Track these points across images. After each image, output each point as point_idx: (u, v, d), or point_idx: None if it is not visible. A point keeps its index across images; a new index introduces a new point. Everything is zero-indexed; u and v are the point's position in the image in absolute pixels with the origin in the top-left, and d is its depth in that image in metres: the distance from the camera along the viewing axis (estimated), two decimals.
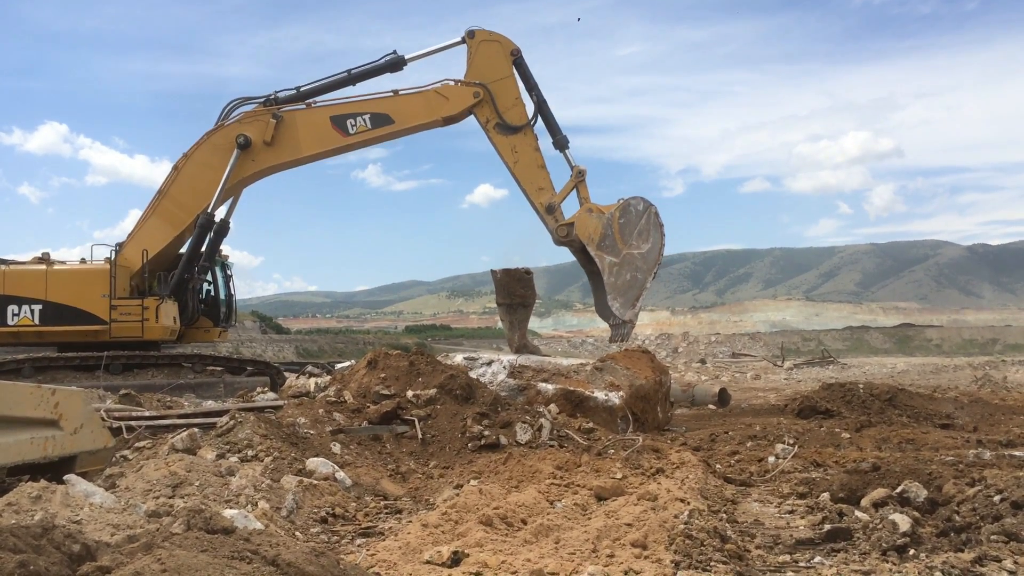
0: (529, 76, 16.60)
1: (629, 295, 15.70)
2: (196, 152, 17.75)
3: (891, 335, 79.33)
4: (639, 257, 15.68)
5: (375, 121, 16.98)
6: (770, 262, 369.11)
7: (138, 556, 3.40)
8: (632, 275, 15.66)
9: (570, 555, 5.22)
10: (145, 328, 17.76)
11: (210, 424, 9.46)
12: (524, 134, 16.48)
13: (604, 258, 15.69)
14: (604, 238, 15.71)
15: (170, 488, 6.43)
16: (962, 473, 7.25)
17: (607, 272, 15.66)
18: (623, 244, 15.66)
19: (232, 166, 17.29)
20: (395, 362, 11.67)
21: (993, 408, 15.11)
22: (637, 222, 15.71)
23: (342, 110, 17.14)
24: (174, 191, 17.91)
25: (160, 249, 18.02)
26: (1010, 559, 4.91)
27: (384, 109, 17.00)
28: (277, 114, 17.15)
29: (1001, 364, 35.37)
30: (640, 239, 15.69)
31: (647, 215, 15.76)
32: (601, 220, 15.75)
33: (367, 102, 17.15)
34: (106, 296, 17.68)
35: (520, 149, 16.46)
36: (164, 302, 18.00)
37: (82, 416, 6.88)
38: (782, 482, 8.41)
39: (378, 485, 8.16)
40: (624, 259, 15.67)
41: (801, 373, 33.64)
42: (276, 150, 17.34)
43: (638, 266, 15.69)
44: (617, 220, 15.66)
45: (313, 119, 17.27)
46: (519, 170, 16.46)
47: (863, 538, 5.58)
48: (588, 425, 10.86)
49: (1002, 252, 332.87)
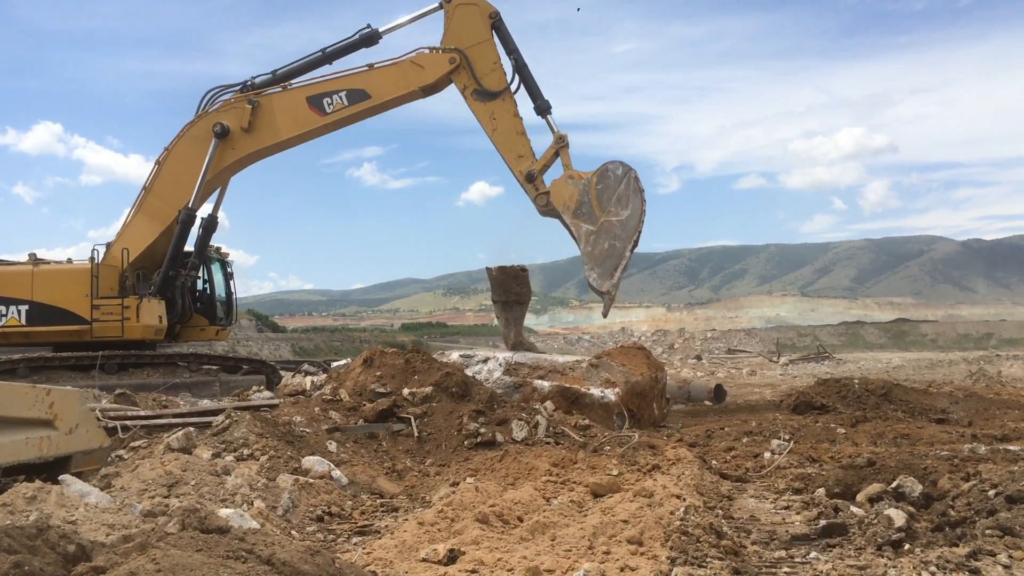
0: (509, 39, 15.94)
1: (607, 265, 14.82)
2: (176, 146, 17.54)
3: (886, 330, 79.46)
4: (618, 224, 14.77)
5: (352, 97, 16.53)
6: (765, 258, 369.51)
7: (133, 556, 3.40)
8: (610, 244, 14.78)
9: (566, 552, 5.22)
10: (125, 327, 17.53)
11: (206, 423, 9.44)
12: (503, 100, 15.79)
13: (580, 226, 14.96)
14: (580, 205, 14.98)
15: (166, 488, 6.42)
16: (957, 468, 7.27)
17: (583, 241, 14.95)
18: (601, 211, 14.84)
19: (211, 156, 17.03)
20: (391, 360, 11.67)
21: (988, 403, 15.14)
22: (616, 187, 14.87)
23: (318, 89, 16.74)
24: (158, 186, 17.72)
25: (147, 246, 17.80)
26: (1005, 553, 4.92)
27: (360, 84, 16.52)
28: (253, 100, 16.85)
29: (996, 359, 35.43)
30: (619, 205, 14.83)
31: (626, 180, 14.86)
32: (578, 186, 15.05)
33: (342, 79, 16.69)
34: (88, 296, 17.53)
35: (499, 115, 15.80)
36: (147, 301, 17.72)
37: (77, 416, 6.86)
38: (778, 478, 8.42)
39: (374, 483, 8.15)
40: (602, 227, 14.85)
41: (797, 369, 33.68)
42: (255, 136, 17.06)
43: (616, 234, 14.76)
44: (594, 186, 14.92)
45: (289, 101, 16.91)
46: (498, 138, 15.82)
47: (858, 533, 5.59)
48: (584, 422, 10.87)
49: (996, 247, 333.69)
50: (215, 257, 20.30)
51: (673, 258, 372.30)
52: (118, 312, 17.56)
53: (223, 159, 17.25)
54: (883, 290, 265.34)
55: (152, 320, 17.94)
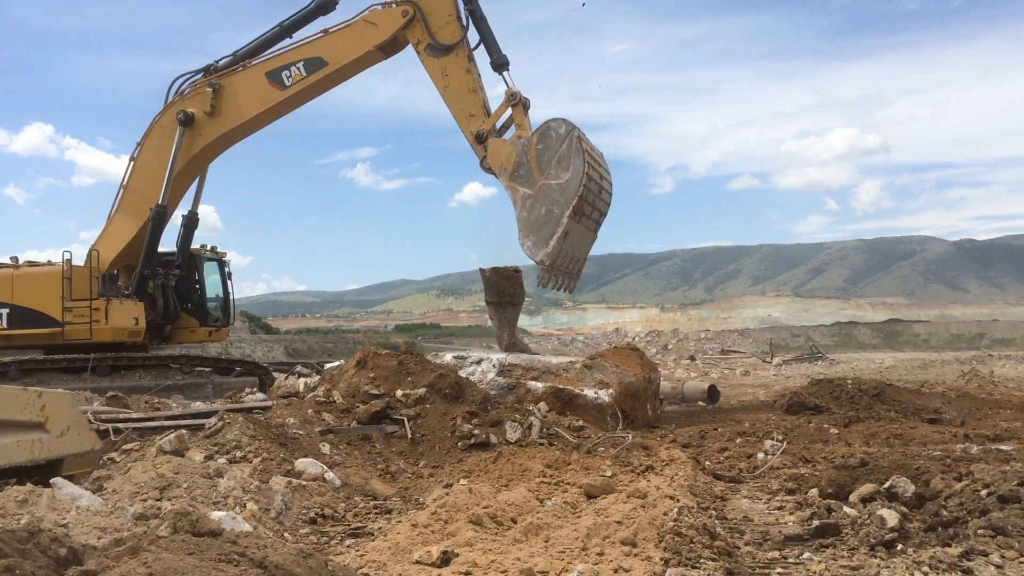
0: None
1: (543, 232, 13.41)
2: (147, 139, 17.42)
3: (879, 331, 79.71)
4: (557, 188, 13.34)
5: (309, 67, 15.95)
6: (759, 258, 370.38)
7: (124, 560, 3.38)
8: (547, 209, 13.39)
9: (560, 553, 5.22)
10: (94, 330, 17.40)
11: (198, 425, 9.42)
12: (456, 55, 14.72)
13: (517, 190, 13.70)
14: (518, 167, 13.69)
15: (158, 490, 6.40)
16: (949, 468, 7.29)
17: (519, 205, 13.66)
18: (540, 174, 13.47)
19: (177, 146, 16.83)
20: (384, 361, 11.66)
21: (980, 402, 15.19)
22: (557, 147, 13.38)
23: (275, 63, 16.28)
24: (133, 183, 17.61)
25: (127, 244, 17.68)
26: (997, 553, 4.93)
27: (316, 52, 15.95)
28: (214, 83, 16.61)
29: (988, 359, 35.57)
30: (559, 167, 13.35)
31: (569, 139, 13.33)
32: (516, 147, 13.82)
33: (298, 49, 16.18)
34: (62, 298, 17.39)
35: (451, 72, 14.71)
36: (117, 302, 17.56)
37: (69, 418, 6.83)
38: (771, 478, 8.43)
39: (368, 485, 8.14)
40: (540, 191, 13.47)
41: (790, 369, 33.74)
42: (220, 119, 16.80)
43: (555, 199, 13.35)
44: (534, 146, 13.56)
45: (250, 79, 16.56)
46: (449, 95, 14.71)
47: (851, 534, 5.60)
48: (578, 423, 10.87)
49: (988, 247, 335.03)
50: (211, 256, 20.18)
51: (667, 259, 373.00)
52: (87, 314, 17.41)
53: (191, 147, 16.99)
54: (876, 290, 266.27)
55: (124, 322, 17.70)
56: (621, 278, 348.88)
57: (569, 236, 13.50)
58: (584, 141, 13.41)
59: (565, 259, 13.85)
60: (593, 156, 13.64)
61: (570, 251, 13.88)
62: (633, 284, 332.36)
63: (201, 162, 17.75)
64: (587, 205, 13.53)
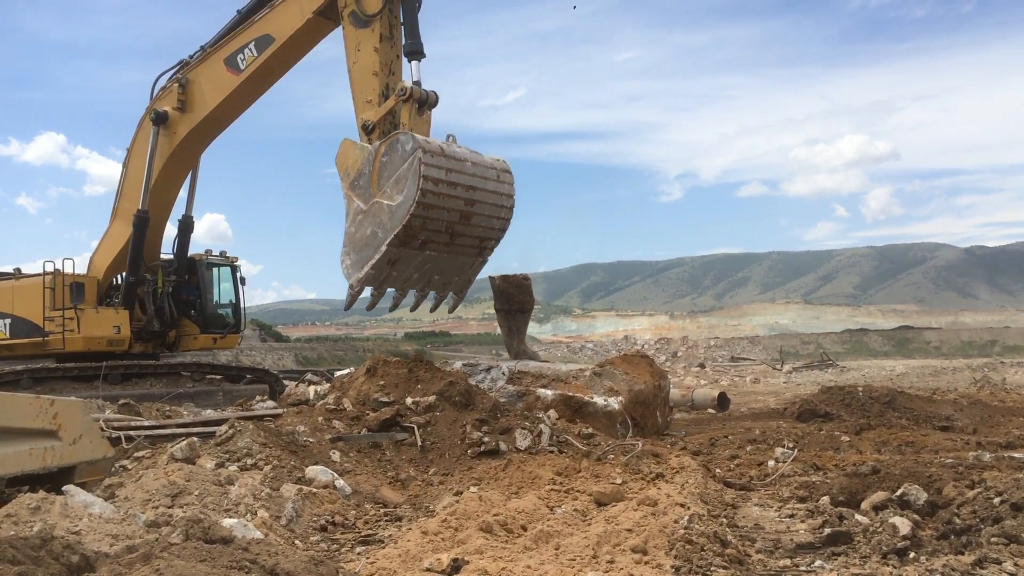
0: None
1: (364, 254, 12.19)
2: (134, 144, 17.36)
3: (890, 338, 79.35)
4: (386, 210, 11.92)
5: (260, 46, 15.03)
6: (768, 266, 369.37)
7: (136, 567, 3.40)
8: (372, 231, 12.09)
9: (570, 561, 5.21)
10: (67, 339, 17.40)
11: (209, 433, 9.46)
12: (371, 29, 13.05)
13: (352, 201, 12.37)
14: (359, 176, 12.35)
15: (169, 498, 6.42)
16: (962, 475, 7.25)
17: (350, 219, 12.36)
18: (376, 190, 12.08)
19: (152, 146, 16.64)
20: (394, 369, 11.67)
21: (992, 410, 15.11)
22: (399, 165, 11.90)
23: (231, 48, 15.55)
24: (126, 189, 17.57)
25: (120, 252, 17.65)
26: (1010, 561, 4.90)
27: (264, 29, 14.98)
28: (181, 78, 16.35)
29: (1000, 366, 35.37)
30: (395, 188, 11.89)
31: (411, 161, 11.70)
32: (363, 153, 12.40)
33: (249, 29, 15.26)
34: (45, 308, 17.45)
35: (363, 47, 13.12)
36: (93, 311, 17.55)
37: (81, 426, 6.87)
38: (782, 486, 8.40)
39: (378, 492, 8.15)
40: (371, 208, 12.14)
41: (800, 376, 33.63)
42: (189, 114, 16.42)
43: (382, 221, 11.96)
44: (380, 157, 12.09)
45: (210, 68, 16.02)
46: (353, 74, 13.20)
47: (863, 541, 5.58)
48: (588, 430, 10.85)
49: (1000, 254, 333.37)
50: (220, 262, 20.14)
51: (676, 266, 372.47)
52: (63, 324, 17.43)
53: (168, 146, 16.75)
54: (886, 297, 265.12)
55: (101, 331, 17.66)
56: (630, 286, 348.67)
57: (402, 263, 12.32)
58: (428, 164, 11.71)
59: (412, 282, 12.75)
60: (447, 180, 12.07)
61: (416, 275, 12.70)
62: (642, 291, 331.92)
63: (181, 162, 17.40)
64: (422, 232, 12.09)
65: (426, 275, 12.82)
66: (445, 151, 12.08)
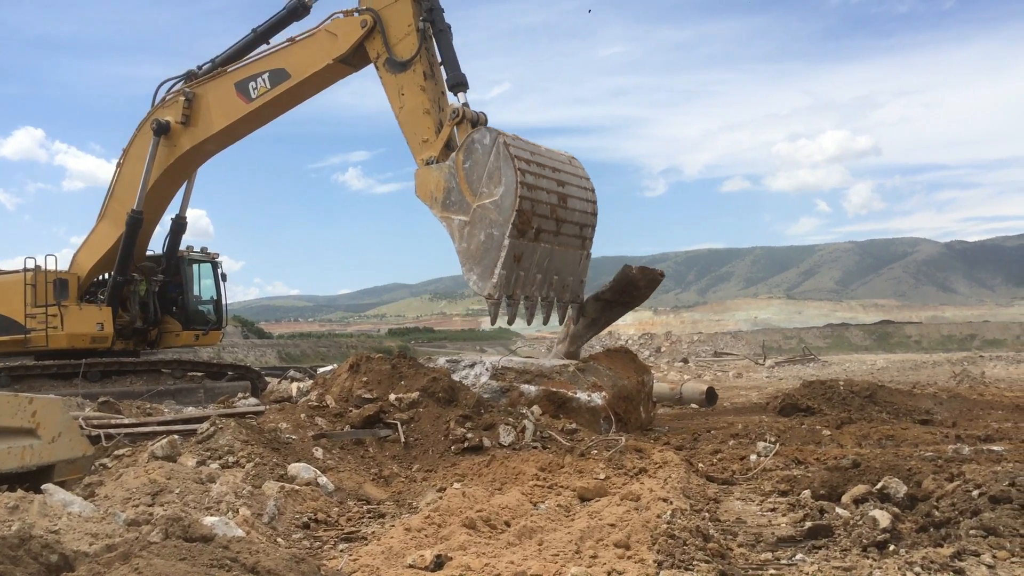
0: None
1: (486, 261, 11.66)
2: (131, 146, 17.18)
3: (871, 332, 80.00)
4: (492, 207, 11.58)
5: (274, 79, 14.89)
6: (751, 261, 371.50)
7: (116, 566, 3.37)
8: (487, 234, 11.64)
9: (553, 556, 5.22)
10: (50, 336, 17.28)
11: (190, 431, 9.39)
12: (412, 71, 13.09)
13: (452, 220, 12.00)
14: (449, 193, 12.09)
15: (150, 496, 6.38)
16: (941, 468, 7.32)
17: (457, 236, 11.98)
18: (472, 195, 11.80)
19: (151, 155, 16.44)
20: (377, 366, 11.64)
21: (971, 403, 15.26)
22: (486, 161, 11.68)
23: (244, 73, 15.38)
24: (117, 190, 17.44)
25: (107, 251, 17.55)
26: (988, 553, 4.95)
27: (280, 63, 14.86)
28: (187, 91, 16.09)
29: (979, 360, 35.72)
30: (491, 182, 11.63)
31: (495, 149, 11.58)
32: (443, 171, 12.19)
33: (264, 59, 15.18)
34: (27, 305, 17.33)
35: (407, 90, 13.12)
36: (76, 308, 17.44)
37: (60, 424, 6.80)
38: (764, 480, 8.45)
39: (361, 489, 8.13)
40: (475, 215, 11.76)
41: (782, 371, 33.82)
42: (192, 130, 16.18)
43: (492, 219, 11.58)
44: (461, 166, 11.94)
45: (220, 89, 15.76)
46: (403, 118, 13.15)
47: (844, 535, 5.62)
48: (571, 426, 10.87)
49: (979, 248, 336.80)
50: (201, 258, 20.04)
51: (659, 261, 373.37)
52: (45, 321, 17.33)
53: (168, 157, 16.57)
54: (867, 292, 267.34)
55: (84, 328, 17.56)
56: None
57: (525, 259, 11.85)
58: (515, 146, 11.73)
59: (536, 285, 12.27)
60: (540, 159, 12.08)
61: (540, 276, 12.28)
62: None
63: (179, 172, 17.27)
64: (538, 218, 11.79)
65: (547, 275, 12.41)
66: (520, 137, 11.97)
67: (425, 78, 13.08)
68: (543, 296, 12.52)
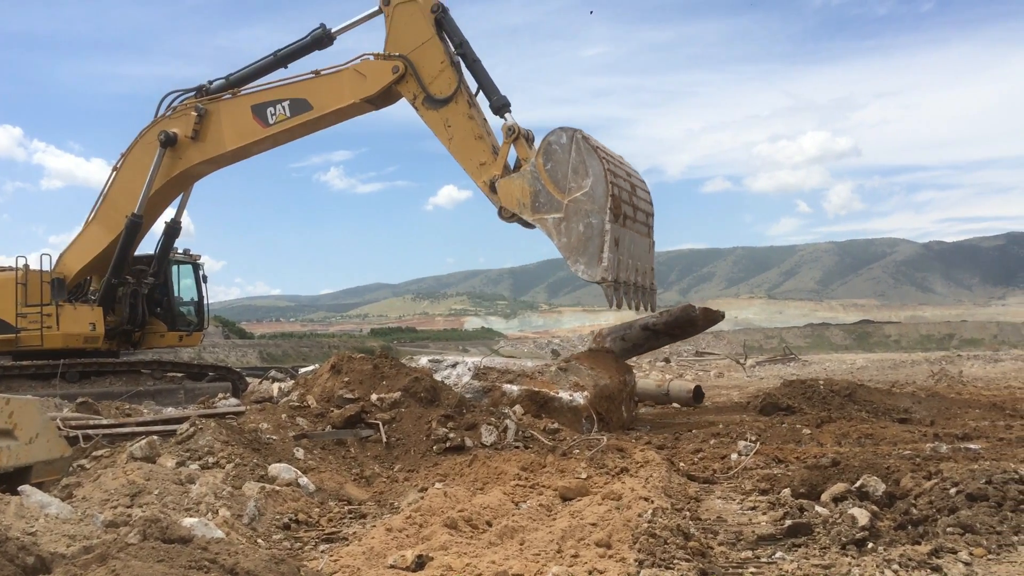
0: (456, 32, 13.90)
1: (591, 249, 12.30)
2: (131, 152, 17.08)
3: (851, 332, 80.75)
4: (585, 198, 12.28)
5: (294, 108, 15.14)
6: (732, 261, 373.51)
7: (93, 567, 3.34)
8: (585, 224, 12.31)
9: (535, 556, 5.22)
10: (45, 336, 17.14)
11: (170, 431, 9.32)
12: (455, 103, 13.85)
13: (546, 219, 12.66)
14: (536, 196, 12.73)
15: (128, 497, 6.32)
16: (919, 467, 7.39)
17: (554, 233, 12.62)
18: (560, 192, 12.49)
19: (156, 166, 16.41)
20: (359, 366, 11.61)
21: (949, 402, 15.39)
22: (567, 159, 12.46)
23: (263, 97, 15.52)
24: (112, 194, 17.33)
25: (98, 254, 17.45)
26: (965, 551, 5.00)
27: (302, 94, 15.14)
28: (200, 107, 16.03)
29: (957, 359, 36.03)
30: (577, 176, 12.38)
31: (574, 145, 12.43)
32: (525, 177, 12.85)
33: (286, 87, 15.40)
34: (18, 305, 17.11)
35: (453, 122, 13.82)
36: (71, 308, 17.33)
37: (37, 425, 6.73)
38: (744, 479, 8.49)
39: (342, 490, 8.10)
40: (568, 209, 12.44)
41: (763, 370, 33.98)
42: (201, 146, 16.21)
43: (587, 210, 12.26)
44: (543, 168, 12.62)
45: (235, 109, 15.85)
46: (455, 148, 13.87)
47: (823, 533, 5.66)
48: (553, 426, 10.89)
49: (956, 249, 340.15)
50: (184, 259, 19.97)
51: None
52: (39, 320, 17.15)
53: (172, 168, 16.59)
54: (847, 292, 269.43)
55: (78, 328, 17.46)
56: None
57: (621, 243, 12.42)
58: (591, 139, 12.59)
59: (629, 271, 12.78)
60: (608, 153, 12.91)
61: (631, 261, 12.80)
62: None
63: (181, 183, 17.30)
64: (624, 205, 12.54)
65: (635, 260, 13.05)
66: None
67: (470, 107, 13.86)
68: (635, 282, 13.08)
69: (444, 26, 13.95)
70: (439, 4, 13.92)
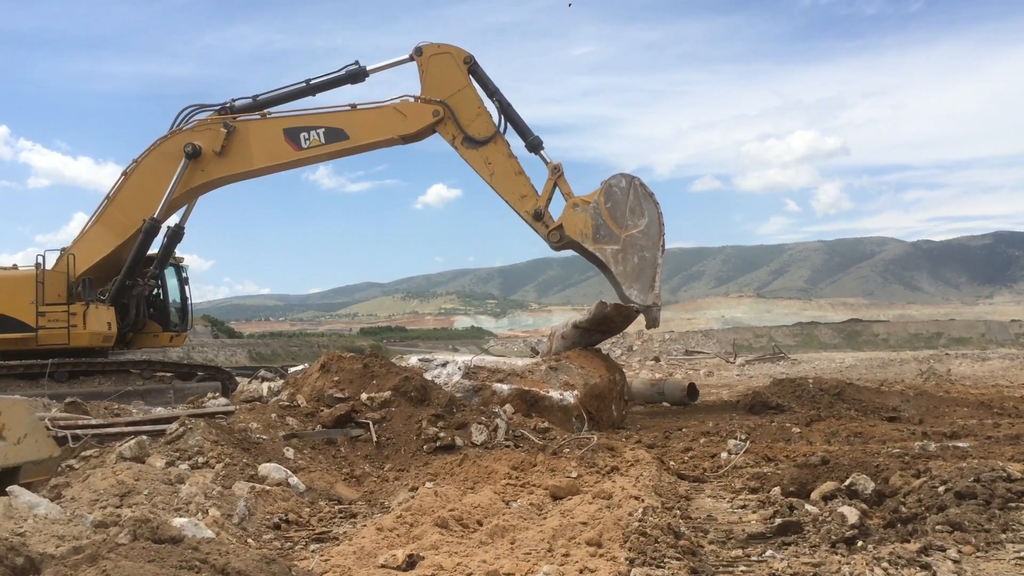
0: (487, 81, 15.90)
1: (644, 278, 14.93)
2: (146, 159, 17.30)
3: (840, 330, 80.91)
4: (640, 235, 14.93)
5: (329, 136, 16.34)
6: (722, 260, 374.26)
7: (82, 568, 3.32)
8: (639, 256, 14.92)
9: (526, 555, 5.22)
10: (72, 334, 17.15)
11: (159, 431, 9.27)
12: (495, 143, 15.74)
13: (605, 249, 15.05)
14: (597, 229, 15.06)
15: (118, 498, 6.29)
16: (908, 465, 7.42)
17: (613, 262, 15.00)
18: (619, 228, 14.96)
19: (179, 176, 16.82)
20: (349, 365, 11.58)
21: (938, 400, 15.49)
22: (626, 200, 15.00)
23: (296, 122, 16.52)
24: (120, 198, 17.47)
25: (102, 257, 17.51)
26: (954, 548, 5.03)
27: (340, 124, 16.36)
28: (229, 124, 16.60)
29: (945, 357, 36.25)
30: (635, 216, 14.96)
31: (632, 189, 15.02)
32: (588, 212, 15.11)
33: (323, 115, 16.52)
34: (34, 303, 17.07)
35: (494, 160, 15.71)
36: (95, 307, 17.37)
37: (26, 425, 6.69)
38: (734, 477, 8.52)
39: (332, 489, 8.08)
40: (625, 243, 14.94)
41: (753, 369, 34.10)
42: (226, 161, 16.81)
43: (642, 245, 14.93)
44: (604, 206, 15.02)
45: (266, 130, 16.70)
46: (497, 182, 15.71)
47: (813, 531, 5.68)
48: (543, 425, 10.89)
49: (944, 248, 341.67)
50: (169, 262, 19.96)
51: None
52: (64, 319, 17.16)
53: (192, 180, 17.02)
54: (836, 291, 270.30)
55: (100, 327, 17.57)
56: (586, 280, 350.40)
57: (663, 272, 15.27)
58: (646, 187, 15.05)
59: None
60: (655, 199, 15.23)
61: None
62: (598, 286, 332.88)
63: (196, 194, 17.80)
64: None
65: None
66: None
67: (508, 146, 15.81)
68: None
69: (476, 75, 15.86)
70: (470, 56, 15.86)
